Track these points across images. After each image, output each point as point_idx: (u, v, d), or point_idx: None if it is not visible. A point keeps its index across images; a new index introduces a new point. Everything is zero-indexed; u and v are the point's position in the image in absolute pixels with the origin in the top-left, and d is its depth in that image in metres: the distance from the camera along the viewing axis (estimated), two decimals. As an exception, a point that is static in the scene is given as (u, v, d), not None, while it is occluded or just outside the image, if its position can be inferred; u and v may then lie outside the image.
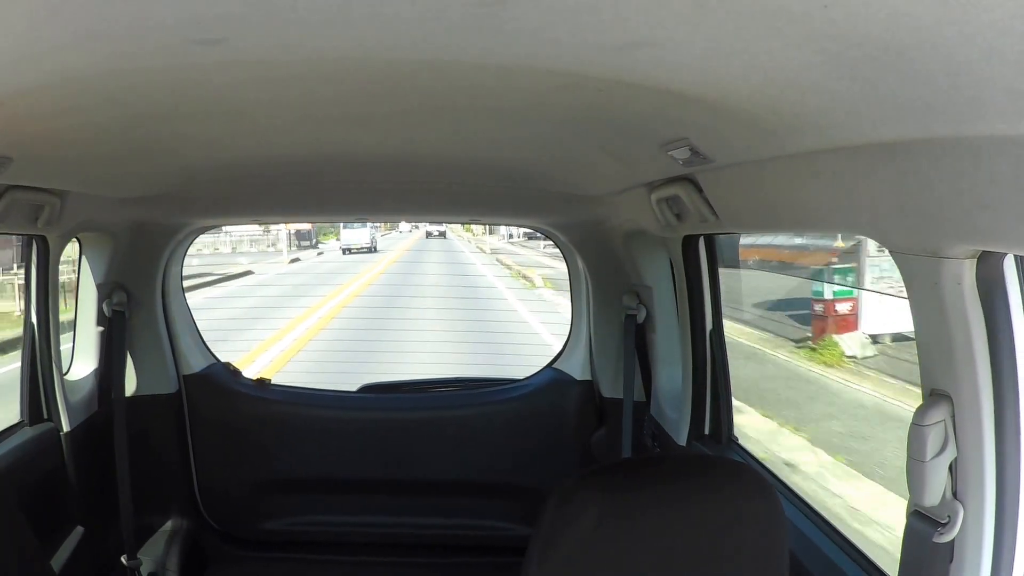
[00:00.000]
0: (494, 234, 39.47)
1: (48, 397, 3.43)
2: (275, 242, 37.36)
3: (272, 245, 37.56)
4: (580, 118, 2.06)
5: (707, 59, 1.34)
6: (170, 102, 1.89)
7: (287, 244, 37.23)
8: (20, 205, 2.69)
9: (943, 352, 1.58)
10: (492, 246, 37.81)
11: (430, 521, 4.24)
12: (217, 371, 4.33)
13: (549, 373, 4.36)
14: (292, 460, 4.25)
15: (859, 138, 1.52)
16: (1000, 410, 1.54)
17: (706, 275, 3.14)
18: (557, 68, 1.50)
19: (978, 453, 1.55)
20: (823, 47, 1.18)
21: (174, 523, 4.21)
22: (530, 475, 4.16)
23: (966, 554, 1.59)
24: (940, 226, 1.48)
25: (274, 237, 37.68)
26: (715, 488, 1.78)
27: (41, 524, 3.08)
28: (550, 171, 3.04)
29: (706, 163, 2.13)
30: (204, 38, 1.35)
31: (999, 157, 1.26)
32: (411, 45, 1.40)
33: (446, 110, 2.08)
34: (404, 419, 4.32)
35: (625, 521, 1.69)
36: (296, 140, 2.52)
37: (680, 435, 3.35)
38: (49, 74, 1.52)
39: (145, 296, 4.00)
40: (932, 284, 1.54)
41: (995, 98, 1.14)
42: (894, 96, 1.27)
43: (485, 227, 32.32)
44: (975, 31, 1.00)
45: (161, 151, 2.62)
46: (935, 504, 1.61)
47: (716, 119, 1.73)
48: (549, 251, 25.00)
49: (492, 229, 36.49)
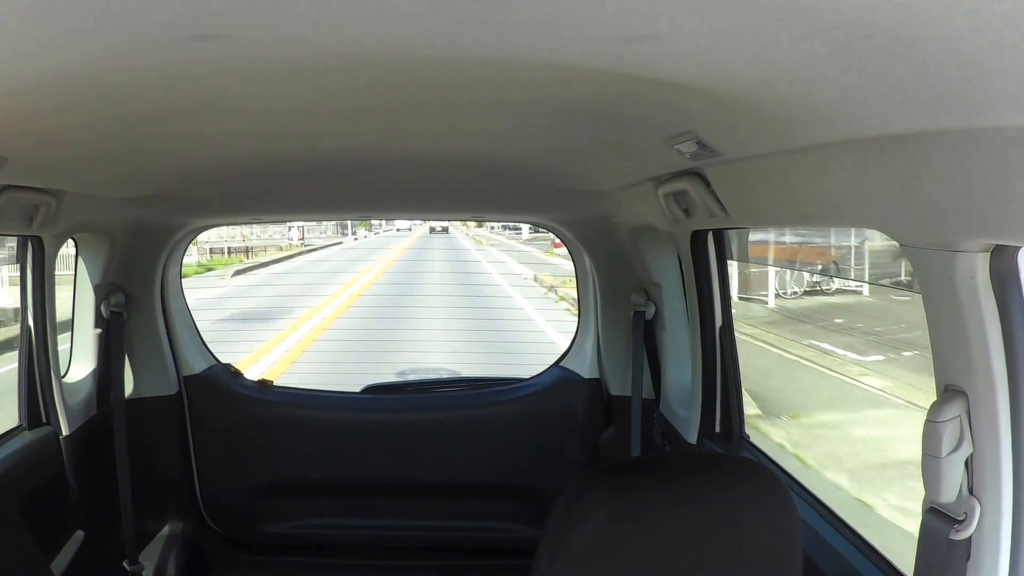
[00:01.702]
0: (482, 227, 47.74)
1: (46, 401, 3.41)
2: (325, 229, 49.15)
3: (324, 232, 50.09)
4: (585, 112, 2.04)
5: (713, 51, 1.31)
6: (167, 100, 1.87)
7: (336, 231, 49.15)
8: (15, 206, 2.67)
9: (957, 348, 1.56)
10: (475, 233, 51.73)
11: (436, 523, 4.22)
12: (218, 372, 4.31)
13: (556, 372, 4.33)
14: (294, 462, 4.22)
15: (869, 131, 1.50)
16: (1016, 405, 1.52)
17: (715, 271, 3.12)
18: (561, 62, 1.48)
19: (994, 449, 1.53)
20: (831, 38, 1.16)
21: (175, 527, 4.19)
22: (538, 475, 4.13)
23: (983, 551, 1.57)
24: (952, 220, 1.46)
25: (325, 226, 47.10)
26: (727, 487, 1.76)
27: (41, 529, 3.06)
28: (555, 166, 3.02)
29: (713, 157, 2.11)
30: (201, 35, 1.33)
31: (1011, 149, 1.25)
32: (413, 40, 1.38)
33: (449, 106, 2.06)
34: (409, 420, 4.29)
35: (636, 522, 1.67)
36: (296, 138, 2.50)
37: (690, 433, 3.33)
38: (44, 72, 1.50)
39: (143, 297, 3.97)
40: (945, 279, 1.52)
41: (1006, 89, 1.13)
42: (904, 88, 1.25)
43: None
44: (985, 22, 0.98)
45: (158, 150, 2.60)
46: (951, 501, 1.59)
47: (723, 112, 1.71)
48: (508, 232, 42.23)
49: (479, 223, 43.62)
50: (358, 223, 48.85)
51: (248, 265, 26.91)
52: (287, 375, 11.86)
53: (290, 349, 14.50)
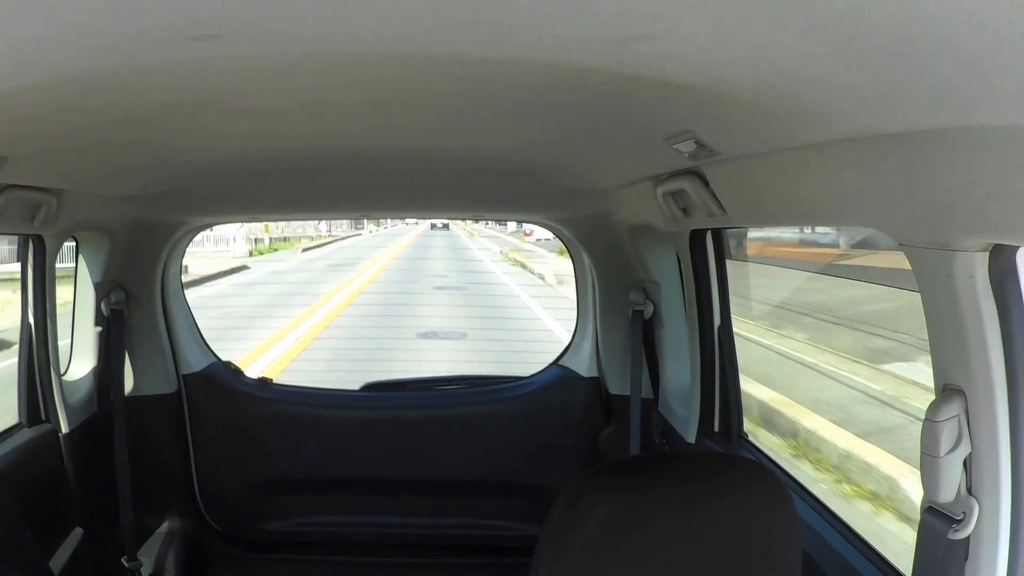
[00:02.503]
0: (476, 222, 56.63)
1: (46, 398, 3.41)
2: (341, 224, 62.05)
3: (340, 226, 63.31)
4: (584, 112, 2.04)
5: (711, 51, 1.31)
6: (168, 98, 1.87)
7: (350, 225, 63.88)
8: (16, 205, 2.67)
9: (956, 347, 1.56)
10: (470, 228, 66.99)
11: (435, 521, 4.22)
12: (218, 370, 4.31)
13: (555, 370, 4.34)
14: (294, 460, 4.23)
15: (867, 129, 1.50)
16: (1015, 405, 1.52)
17: (714, 270, 3.12)
18: (559, 62, 1.48)
19: (993, 448, 1.53)
20: (829, 37, 1.16)
21: (174, 524, 4.19)
22: (537, 474, 4.14)
23: (981, 551, 1.57)
24: (951, 219, 1.46)
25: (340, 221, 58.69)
26: (726, 486, 1.76)
27: (41, 526, 3.07)
28: (554, 165, 3.02)
29: (712, 156, 2.11)
30: (200, 34, 1.33)
31: (1010, 147, 1.25)
32: (411, 40, 1.38)
33: (447, 106, 2.06)
34: (408, 418, 4.30)
35: (635, 520, 1.67)
36: (295, 137, 2.50)
37: (689, 432, 3.33)
38: (44, 72, 1.50)
39: (144, 295, 3.98)
40: (944, 278, 1.52)
41: (1005, 87, 1.12)
42: (902, 86, 1.25)
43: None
44: (984, 20, 0.98)
45: (159, 149, 2.60)
46: (950, 500, 1.59)
47: (721, 112, 1.71)
48: (496, 227, 58.29)
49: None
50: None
51: (308, 246, 42.13)
52: (373, 283, 22.70)
53: (366, 279, 24.69)
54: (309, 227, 51.76)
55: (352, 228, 58.14)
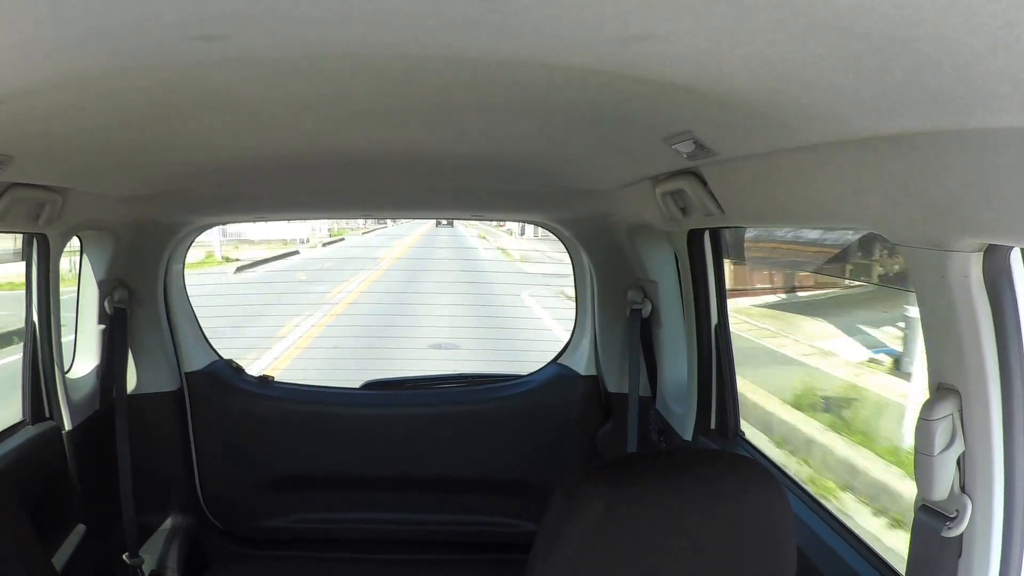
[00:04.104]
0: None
1: (50, 396, 3.42)
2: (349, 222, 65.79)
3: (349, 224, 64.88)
4: (583, 112, 2.05)
5: (710, 52, 1.33)
6: (171, 100, 1.89)
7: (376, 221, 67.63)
8: (21, 203, 2.68)
9: (950, 346, 1.57)
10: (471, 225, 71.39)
11: (435, 518, 4.24)
12: (219, 368, 4.32)
13: (554, 368, 4.35)
14: (295, 457, 4.24)
15: (864, 131, 1.51)
16: (1008, 404, 1.53)
17: (711, 269, 3.13)
18: (560, 63, 1.49)
19: (986, 447, 1.55)
20: (827, 39, 1.17)
21: (176, 521, 4.20)
22: (535, 471, 4.15)
23: (975, 548, 1.59)
24: (946, 219, 1.47)
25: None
26: (722, 483, 1.77)
27: (43, 523, 3.08)
28: (553, 166, 3.03)
29: (710, 156, 2.12)
30: (205, 35, 1.34)
31: (1005, 149, 1.26)
32: (413, 41, 1.40)
33: (448, 106, 2.07)
34: (408, 415, 4.31)
35: (631, 516, 1.69)
36: (298, 137, 2.52)
37: (686, 430, 3.34)
38: (50, 72, 1.52)
39: (147, 293, 3.99)
40: (939, 278, 1.53)
41: (1001, 90, 1.13)
42: (899, 88, 1.26)
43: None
44: (981, 22, 0.99)
45: (163, 149, 2.61)
46: (943, 498, 1.61)
47: (720, 112, 1.72)
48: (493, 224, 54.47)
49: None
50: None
51: (325, 241, 42.99)
52: (389, 270, 25.13)
53: (383, 267, 26.80)
54: (353, 224, 57.04)
55: (377, 224, 64.44)
